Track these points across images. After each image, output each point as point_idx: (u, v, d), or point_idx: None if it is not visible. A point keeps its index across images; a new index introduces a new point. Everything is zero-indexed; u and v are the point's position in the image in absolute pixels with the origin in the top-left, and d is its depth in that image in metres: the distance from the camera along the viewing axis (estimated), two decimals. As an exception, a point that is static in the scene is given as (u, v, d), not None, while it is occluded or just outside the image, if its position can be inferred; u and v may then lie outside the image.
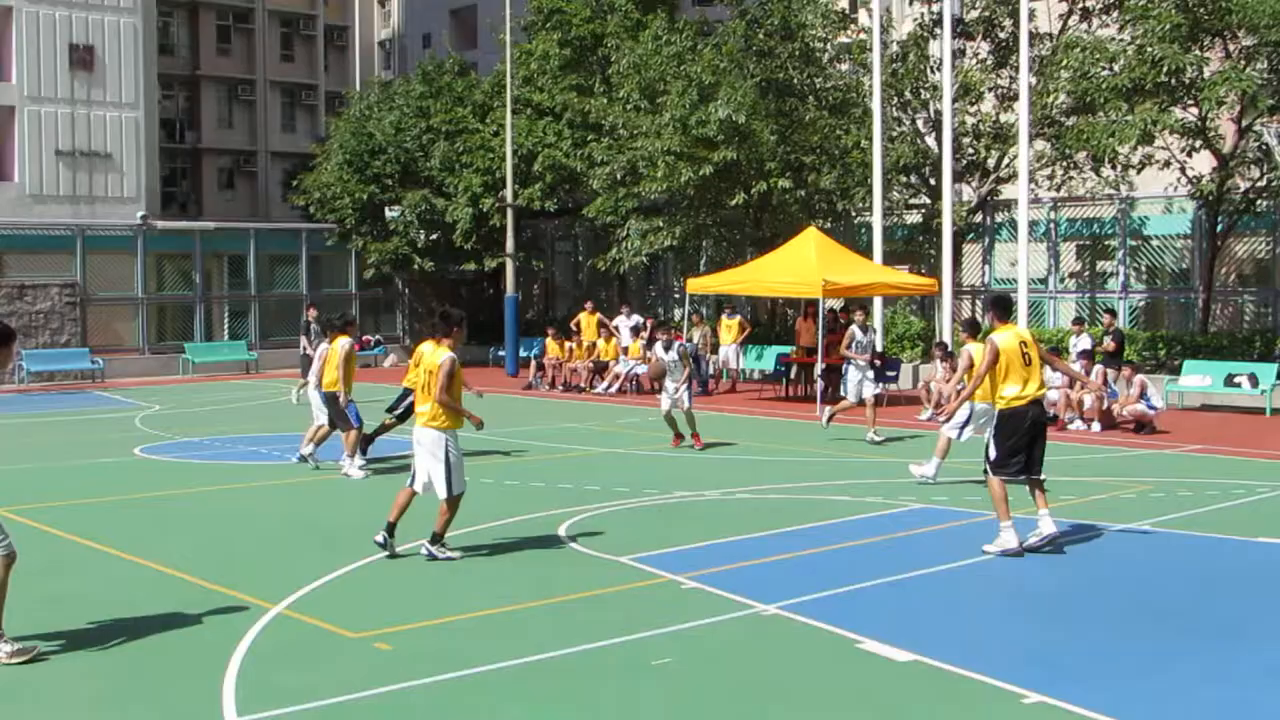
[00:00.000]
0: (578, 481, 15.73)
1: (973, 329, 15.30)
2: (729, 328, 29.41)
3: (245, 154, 65.52)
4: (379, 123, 39.10)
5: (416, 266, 38.33)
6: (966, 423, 14.81)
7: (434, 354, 11.43)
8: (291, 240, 41.25)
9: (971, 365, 13.35)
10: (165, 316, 39.18)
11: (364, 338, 41.08)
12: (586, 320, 31.26)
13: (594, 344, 30.71)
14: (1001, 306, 11.91)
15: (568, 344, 30.80)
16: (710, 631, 9.01)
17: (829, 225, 30.74)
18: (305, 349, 26.72)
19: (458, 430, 11.30)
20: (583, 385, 29.64)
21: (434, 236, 37.83)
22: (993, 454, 11.40)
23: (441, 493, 11.18)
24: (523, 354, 34.50)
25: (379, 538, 11.37)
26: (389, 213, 37.86)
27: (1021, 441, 11.32)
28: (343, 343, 16.94)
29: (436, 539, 11.27)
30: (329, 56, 69.98)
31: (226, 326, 39.76)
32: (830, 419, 19.86)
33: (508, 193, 35.00)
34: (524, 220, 37.50)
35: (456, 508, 11.28)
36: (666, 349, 19.47)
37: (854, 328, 20.52)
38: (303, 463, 17.43)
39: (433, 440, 11.22)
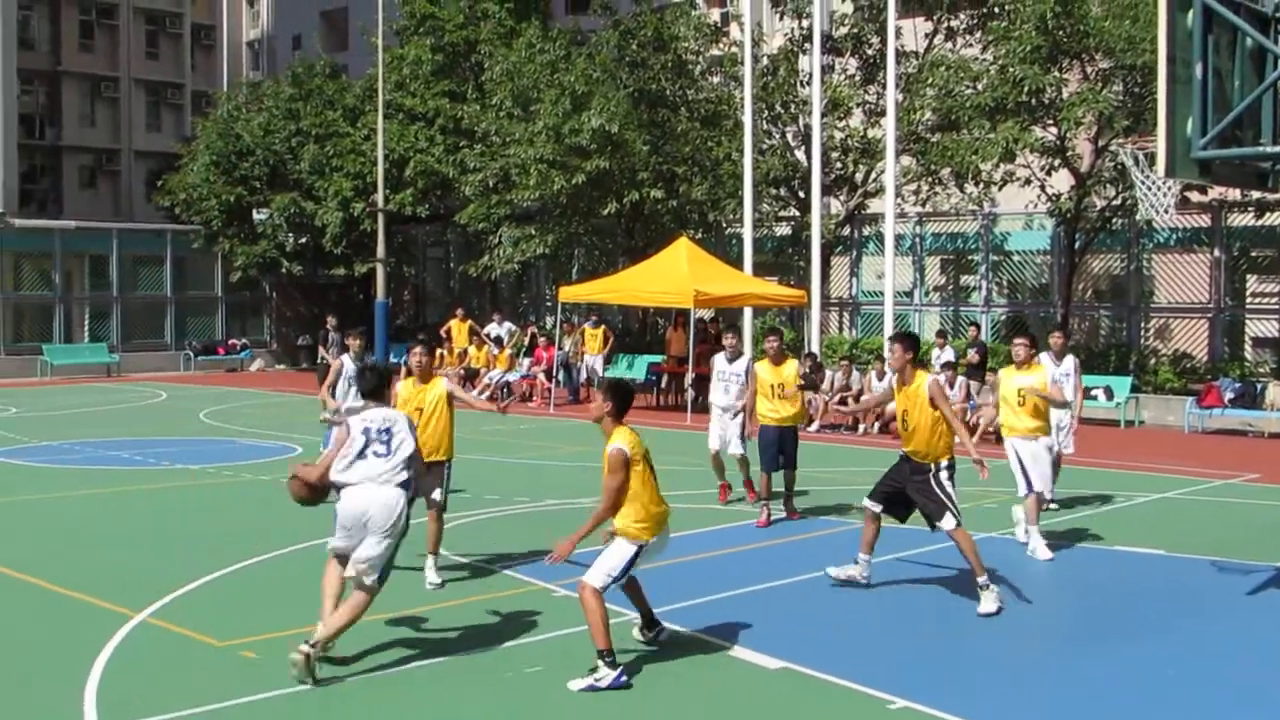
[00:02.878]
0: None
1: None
2: (593, 337, 29.46)
3: (108, 152, 63.98)
4: (247, 124, 38.50)
5: (285, 270, 37.82)
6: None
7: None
8: (156, 241, 40.40)
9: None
10: (23, 317, 38.12)
11: (231, 341, 40.48)
12: (457, 327, 31.08)
13: (465, 351, 30.55)
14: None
15: (438, 351, 30.57)
16: (582, 640, 9.00)
17: (700, 236, 30.99)
18: (323, 358, 25.89)
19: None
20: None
21: (303, 240, 37.35)
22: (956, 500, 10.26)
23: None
24: (393, 360, 34.15)
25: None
26: (257, 215, 37.28)
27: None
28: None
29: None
30: (195, 55, 68.70)
31: (87, 328, 38.79)
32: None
33: (379, 197, 34.68)
34: (395, 225, 37.19)
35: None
36: (731, 360, 14.64)
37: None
38: None
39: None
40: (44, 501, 15.04)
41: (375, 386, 9.05)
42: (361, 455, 8.51)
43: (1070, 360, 14.64)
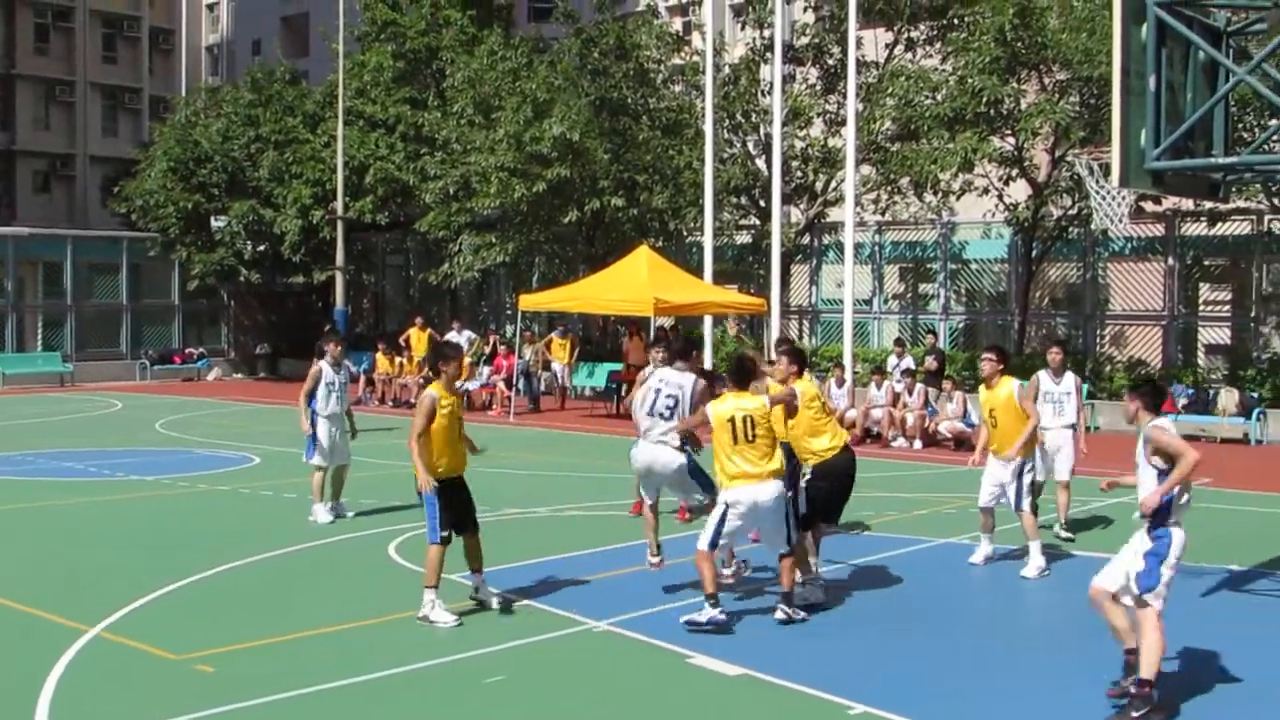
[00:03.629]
0: (408, 498, 15.56)
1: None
2: (561, 346, 29.48)
3: (63, 157, 63.49)
4: (205, 130, 38.25)
5: (243, 278, 37.58)
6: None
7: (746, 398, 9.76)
8: (112, 248, 40.01)
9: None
10: (-27, 325, 37.72)
11: (188, 350, 40.18)
12: (417, 336, 30.99)
13: (425, 359, 30.46)
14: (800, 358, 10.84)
15: (398, 359, 30.51)
16: (542, 649, 9.03)
17: (661, 244, 31.00)
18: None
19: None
20: (413, 400, 29.36)
21: (261, 248, 37.13)
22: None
23: (782, 547, 9.80)
24: (352, 368, 34.01)
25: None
26: (215, 223, 37.01)
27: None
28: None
29: (788, 598, 9.81)
30: (154, 60, 68.26)
31: (41, 336, 38.40)
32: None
33: (338, 205, 34.56)
34: (354, 233, 37.05)
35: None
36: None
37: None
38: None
39: (777, 495, 9.67)
40: (-2, 512, 14.88)
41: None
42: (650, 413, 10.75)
43: (1070, 378, 13.65)
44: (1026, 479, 11.74)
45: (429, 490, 9.76)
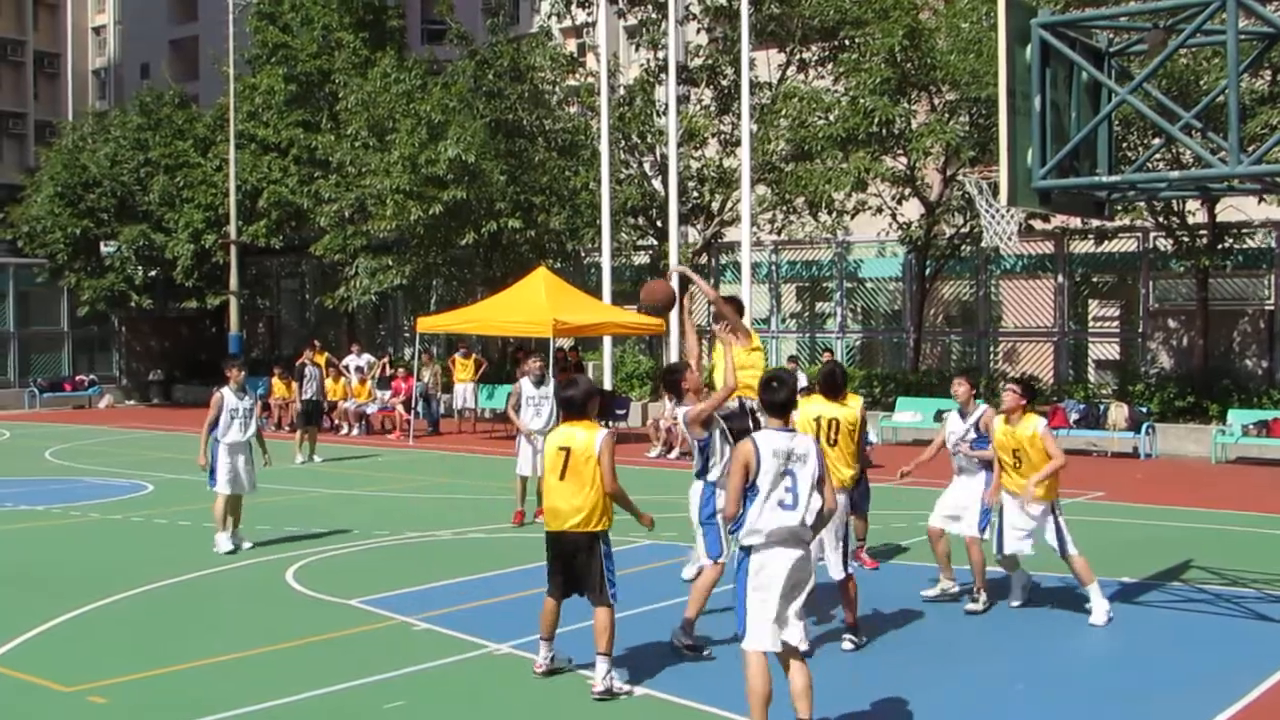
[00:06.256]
0: (305, 524, 15.40)
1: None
2: (464, 366, 29.29)
3: (-55, 183, 61.98)
4: (93, 154, 37.63)
5: (134, 304, 36.97)
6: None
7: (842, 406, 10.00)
8: (-2, 275, 39.14)
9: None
10: None
11: (78, 377, 39.35)
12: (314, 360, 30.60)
13: (322, 383, 30.09)
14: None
15: (294, 384, 30.09)
16: (443, 673, 8.96)
17: (559, 265, 31.01)
18: (303, 394, 24.15)
19: None
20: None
21: (153, 273, 36.57)
22: None
23: (838, 573, 9.71)
24: (260, 393, 33.50)
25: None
26: (105, 248, 36.41)
27: None
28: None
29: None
30: (39, 84, 67.03)
31: (-77, 365, 37.43)
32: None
33: (231, 229, 34.11)
34: (249, 257, 36.63)
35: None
36: (538, 384, 15.58)
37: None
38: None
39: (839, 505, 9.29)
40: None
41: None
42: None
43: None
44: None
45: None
